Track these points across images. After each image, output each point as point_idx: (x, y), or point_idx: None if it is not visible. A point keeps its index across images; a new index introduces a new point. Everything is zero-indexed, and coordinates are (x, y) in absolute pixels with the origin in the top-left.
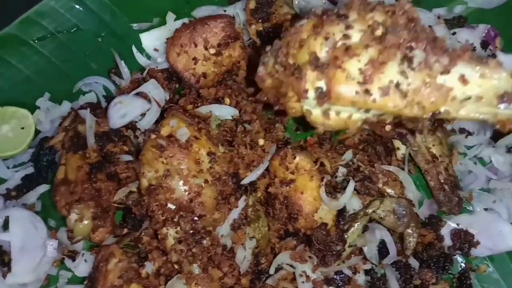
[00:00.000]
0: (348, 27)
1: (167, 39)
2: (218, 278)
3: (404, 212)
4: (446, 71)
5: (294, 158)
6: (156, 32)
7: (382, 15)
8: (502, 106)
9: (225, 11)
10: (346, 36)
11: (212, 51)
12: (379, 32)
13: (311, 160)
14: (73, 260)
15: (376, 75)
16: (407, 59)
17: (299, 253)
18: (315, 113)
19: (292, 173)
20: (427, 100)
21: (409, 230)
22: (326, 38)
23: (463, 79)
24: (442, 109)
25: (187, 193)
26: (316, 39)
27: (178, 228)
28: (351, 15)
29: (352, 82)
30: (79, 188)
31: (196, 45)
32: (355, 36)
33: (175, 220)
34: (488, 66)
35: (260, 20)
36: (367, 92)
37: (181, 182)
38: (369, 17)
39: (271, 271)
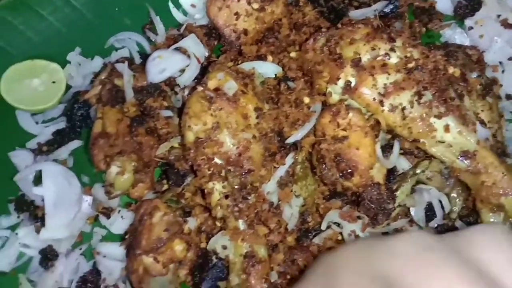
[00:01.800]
0: (392, 49)
1: None
2: (264, 234)
3: (450, 174)
4: (438, 116)
5: (348, 114)
6: None
7: (419, 54)
8: (460, 159)
9: None
10: (387, 55)
11: (255, 5)
12: (410, 65)
13: (363, 116)
14: (108, 217)
15: (393, 94)
16: (419, 94)
17: (349, 212)
18: (334, 97)
19: (344, 129)
20: (416, 129)
21: (453, 194)
22: (373, 49)
23: (446, 128)
24: (421, 140)
25: (235, 147)
26: (365, 45)
27: (225, 183)
28: (397, 41)
29: (375, 90)
30: (120, 141)
31: (239, 0)
32: (393, 58)
33: (222, 174)
34: (467, 128)
35: None
36: (381, 102)
37: (230, 136)
38: (409, 50)
39: (323, 227)
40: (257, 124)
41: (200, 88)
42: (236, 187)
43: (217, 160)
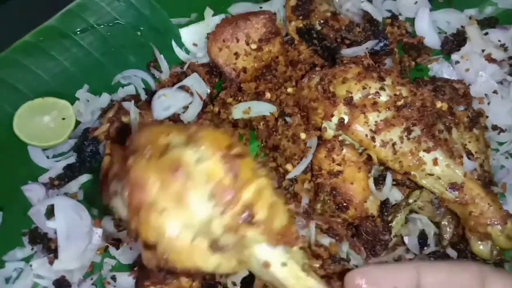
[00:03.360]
0: (381, 87)
1: (207, 34)
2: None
3: (440, 203)
4: (427, 150)
5: (342, 150)
6: (195, 27)
7: (407, 92)
8: (449, 190)
9: (261, 7)
10: (377, 93)
11: (254, 46)
12: (399, 102)
13: (357, 152)
14: (117, 248)
15: (384, 130)
16: (408, 130)
17: (356, 243)
18: (329, 132)
19: (339, 164)
20: (406, 163)
21: (444, 222)
22: (364, 87)
23: (435, 161)
24: (412, 173)
25: None
26: (357, 84)
27: None
28: (387, 80)
29: (367, 127)
30: None
31: (238, 40)
32: (383, 96)
33: None
34: (454, 161)
35: (300, 17)
36: (373, 138)
37: None
38: (398, 88)
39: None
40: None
41: None
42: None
43: None
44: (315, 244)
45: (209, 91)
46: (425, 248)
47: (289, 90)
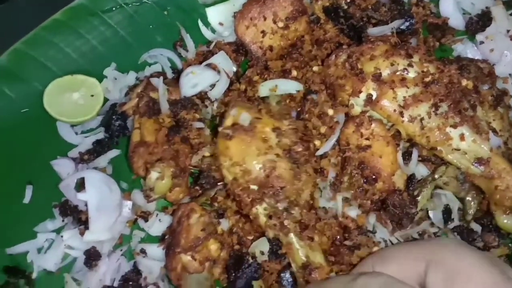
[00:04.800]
0: (409, 64)
1: (234, 13)
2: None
3: (465, 179)
4: (454, 126)
5: (371, 124)
6: (221, 7)
7: (434, 69)
8: (475, 165)
9: None
10: (405, 70)
11: (281, 24)
12: (427, 79)
13: (385, 126)
14: (146, 220)
15: (412, 106)
16: (435, 106)
17: (383, 215)
18: (356, 109)
19: (368, 139)
20: (433, 138)
21: (468, 198)
22: (392, 64)
23: (461, 136)
24: (439, 148)
25: (262, 170)
26: (385, 61)
27: (265, 205)
28: (415, 57)
29: (395, 102)
30: (159, 148)
31: (265, 19)
32: (412, 73)
33: (259, 197)
34: (481, 136)
35: None
36: (401, 113)
37: (254, 162)
38: (425, 65)
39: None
40: (278, 142)
41: (219, 129)
42: (276, 206)
43: (252, 187)
44: (342, 215)
45: (235, 69)
46: (449, 222)
47: (315, 68)
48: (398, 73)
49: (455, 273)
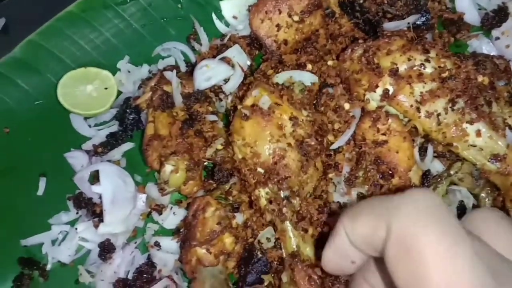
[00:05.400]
0: (426, 59)
1: (248, 6)
2: (311, 235)
3: (480, 175)
4: (470, 122)
5: (387, 119)
6: (235, 0)
7: (451, 65)
8: (490, 161)
9: None
10: (422, 65)
11: (296, 18)
12: (444, 74)
13: (401, 122)
14: (160, 213)
15: (429, 101)
16: (452, 102)
17: None
18: (372, 104)
19: (384, 134)
20: (450, 134)
21: (483, 194)
22: (409, 59)
23: (478, 133)
24: (454, 144)
25: (271, 156)
26: (402, 56)
27: (267, 189)
28: (431, 52)
29: (412, 98)
30: (173, 142)
31: (280, 12)
32: (428, 68)
33: (263, 181)
34: (497, 133)
35: None
36: (417, 109)
37: (265, 147)
38: (442, 61)
39: None
40: (292, 132)
41: (238, 107)
42: (277, 192)
43: (259, 170)
44: None
45: (249, 63)
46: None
47: (330, 63)
48: (415, 68)
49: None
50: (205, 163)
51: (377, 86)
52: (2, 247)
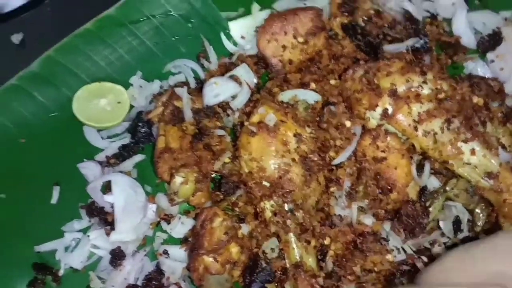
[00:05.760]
0: (424, 81)
1: (256, 27)
2: (314, 246)
3: (475, 191)
4: (465, 141)
5: (386, 138)
6: (243, 21)
7: (447, 86)
8: (484, 179)
9: (305, 4)
10: (420, 87)
11: (300, 39)
12: (441, 95)
13: (400, 140)
14: (168, 222)
15: (426, 121)
16: (448, 122)
17: (396, 224)
18: (372, 122)
19: (383, 151)
20: (446, 152)
21: (478, 210)
22: (407, 81)
23: (472, 151)
24: (450, 162)
25: (276, 171)
26: (401, 77)
27: (272, 202)
28: (429, 75)
29: (410, 117)
30: (183, 155)
31: (286, 34)
32: (426, 89)
33: (269, 194)
34: (491, 152)
35: (345, 14)
36: (415, 128)
37: (271, 162)
38: (439, 83)
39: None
40: (296, 148)
41: (246, 123)
42: (282, 205)
43: (265, 183)
44: (357, 223)
45: (256, 81)
46: (459, 233)
47: (332, 82)
48: (413, 89)
49: None
50: (213, 175)
51: (377, 106)
52: (17, 252)
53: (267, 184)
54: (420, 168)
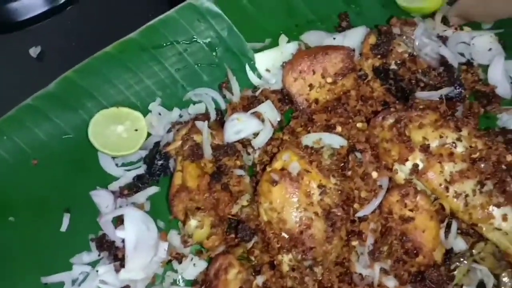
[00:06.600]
0: (458, 138)
1: (283, 62)
2: None
3: (503, 256)
4: (497, 205)
5: (416, 196)
6: (269, 53)
7: (482, 145)
8: None
9: (334, 38)
10: (454, 144)
11: (329, 79)
12: (475, 155)
13: (429, 199)
14: (180, 262)
15: (458, 182)
16: (481, 184)
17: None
18: (400, 175)
19: (411, 210)
20: (476, 215)
21: (504, 275)
22: (441, 136)
23: (504, 216)
24: (479, 225)
25: (297, 225)
26: (434, 131)
27: (291, 256)
28: (463, 131)
29: (442, 177)
30: (200, 196)
31: (314, 73)
32: (460, 147)
33: (288, 248)
34: None
35: (378, 56)
36: (446, 188)
37: (292, 214)
38: (474, 140)
39: None
40: (320, 201)
41: (268, 169)
42: (301, 261)
43: (284, 235)
44: (379, 284)
45: (279, 118)
46: None
47: (359, 125)
48: (446, 146)
49: None
50: (230, 219)
51: (407, 160)
52: (23, 282)
53: (287, 236)
54: (446, 228)
